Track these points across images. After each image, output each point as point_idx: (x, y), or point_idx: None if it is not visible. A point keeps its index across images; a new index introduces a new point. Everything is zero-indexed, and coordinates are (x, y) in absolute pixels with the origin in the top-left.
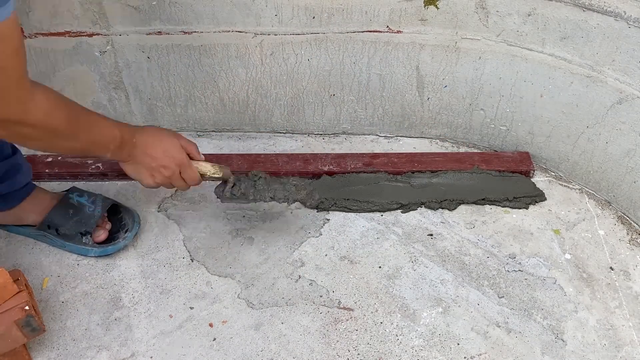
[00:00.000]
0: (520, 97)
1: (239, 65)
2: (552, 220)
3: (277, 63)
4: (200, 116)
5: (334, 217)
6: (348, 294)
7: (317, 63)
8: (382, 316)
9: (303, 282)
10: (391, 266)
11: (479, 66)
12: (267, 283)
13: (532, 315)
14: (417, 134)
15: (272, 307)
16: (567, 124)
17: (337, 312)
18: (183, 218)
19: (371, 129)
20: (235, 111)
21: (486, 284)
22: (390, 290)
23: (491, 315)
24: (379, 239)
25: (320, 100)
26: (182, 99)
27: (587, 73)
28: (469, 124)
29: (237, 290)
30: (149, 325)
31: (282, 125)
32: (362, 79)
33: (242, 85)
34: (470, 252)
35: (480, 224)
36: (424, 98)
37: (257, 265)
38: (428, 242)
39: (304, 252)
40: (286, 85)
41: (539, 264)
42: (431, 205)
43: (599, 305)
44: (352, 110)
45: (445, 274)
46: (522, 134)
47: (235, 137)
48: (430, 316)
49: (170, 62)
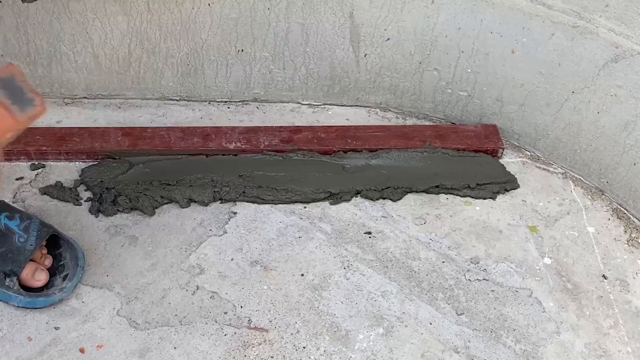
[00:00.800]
0: (486, 54)
1: (118, 11)
2: (527, 213)
3: (169, 9)
4: (68, 78)
5: (242, 210)
6: (261, 310)
7: (220, 9)
8: (306, 339)
9: (202, 294)
10: (317, 274)
11: (431, 13)
12: (156, 296)
13: (501, 337)
14: (351, 101)
15: (161, 328)
16: (547, 88)
17: (247, 334)
18: (46, 211)
19: (291, 95)
20: (114, 72)
21: (441, 297)
22: (315, 305)
23: (447, 338)
24: (301, 239)
25: (225, 57)
26: (45, 56)
27: (573, 22)
28: (419, 89)
29: (115, 306)
30: (2, 350)
31: (174, 90)
32: (279, 29)
33: (122, 38)
34: (421, 255)
35: (433, 218)
36: (360, 55)
37: (142, 272)
38: (365, 242)
39: (203, 256)
40: (180, 38)
41: (509, 271)
42: (369, 194)
43: (588, 324)
44: (266, 71)
45: (387, 284)
46: (488, 102)
47: (113, 106)
48: (367, 339)
49: (29, 7)
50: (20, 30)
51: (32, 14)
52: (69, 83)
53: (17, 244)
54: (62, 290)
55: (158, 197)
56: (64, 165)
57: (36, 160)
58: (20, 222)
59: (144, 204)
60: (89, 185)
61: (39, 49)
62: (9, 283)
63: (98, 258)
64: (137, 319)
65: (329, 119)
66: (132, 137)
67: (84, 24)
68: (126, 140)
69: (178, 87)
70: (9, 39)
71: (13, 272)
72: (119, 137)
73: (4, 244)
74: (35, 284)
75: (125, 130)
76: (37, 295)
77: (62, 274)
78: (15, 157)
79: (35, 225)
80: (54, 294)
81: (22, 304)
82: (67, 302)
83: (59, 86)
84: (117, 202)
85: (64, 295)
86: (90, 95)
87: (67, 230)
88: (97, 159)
